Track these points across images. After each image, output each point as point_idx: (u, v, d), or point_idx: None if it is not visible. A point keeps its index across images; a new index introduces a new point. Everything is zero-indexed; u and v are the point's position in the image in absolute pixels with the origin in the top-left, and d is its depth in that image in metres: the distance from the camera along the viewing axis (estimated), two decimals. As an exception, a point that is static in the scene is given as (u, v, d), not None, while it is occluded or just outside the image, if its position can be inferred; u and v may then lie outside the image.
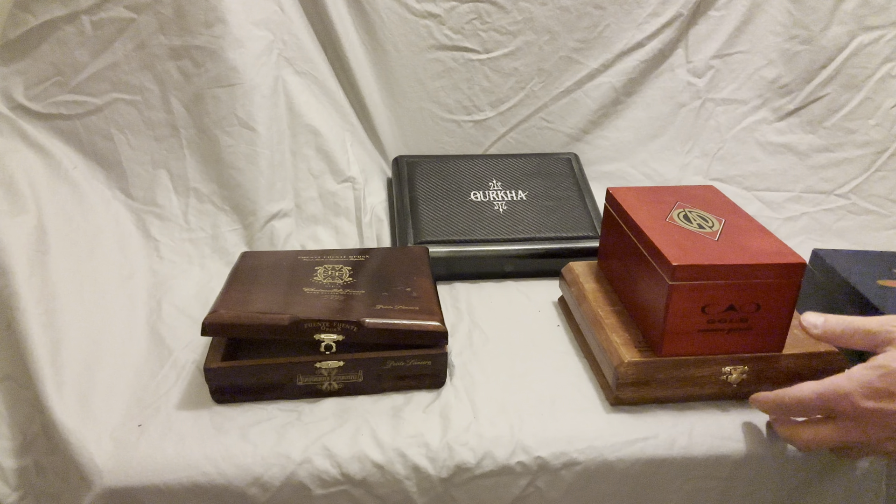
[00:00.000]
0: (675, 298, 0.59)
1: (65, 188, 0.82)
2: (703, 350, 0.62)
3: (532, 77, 1.04)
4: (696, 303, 0.59)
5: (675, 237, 0.63)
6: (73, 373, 0.64)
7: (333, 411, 0.64)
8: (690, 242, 0.62)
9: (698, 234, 0.63)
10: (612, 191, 0.73)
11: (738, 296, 0.59)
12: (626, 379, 0.62)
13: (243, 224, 0.91)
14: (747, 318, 0.61)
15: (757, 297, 0.60)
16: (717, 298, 0.59)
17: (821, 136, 1.07)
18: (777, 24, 1.04)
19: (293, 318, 0.64)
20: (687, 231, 0.64)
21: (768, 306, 0.60)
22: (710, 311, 0.60)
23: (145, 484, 0.57)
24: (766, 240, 0.63)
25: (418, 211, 0.93)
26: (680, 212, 0.68)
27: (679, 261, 0.58)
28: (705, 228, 0.65)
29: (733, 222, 0.66)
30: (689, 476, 0.62)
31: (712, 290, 0.59)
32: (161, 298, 0.80)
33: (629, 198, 0.71)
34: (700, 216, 0.67)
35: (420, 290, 0.72)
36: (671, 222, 0.66)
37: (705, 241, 0.62)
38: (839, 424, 0.53)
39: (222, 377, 0.64)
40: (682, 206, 0.69)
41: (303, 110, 0.95)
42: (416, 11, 0.98)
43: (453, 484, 0.60)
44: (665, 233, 0.63)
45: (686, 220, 0.66)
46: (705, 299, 0.59)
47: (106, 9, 0.83)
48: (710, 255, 0.60)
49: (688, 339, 0.61)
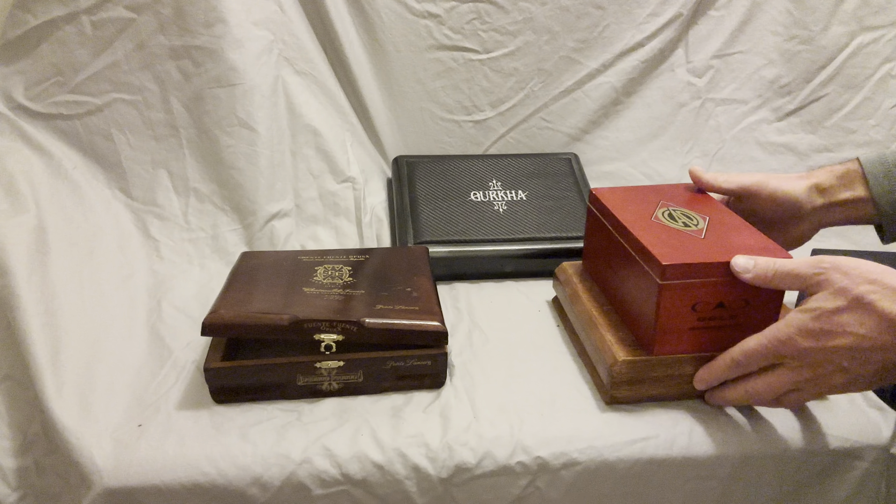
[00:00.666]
0: (666, 297, 0.59)
1: (65, 188, 0.82)
2: (694, 348, 0.62)
3: (532, 77, 1.04)
4: (686, 301, 0.59)
5: (663, 236, 0.62)
6: (73, 373, 0.64)
7: (333, 411, 0.64)
8: (678, 241, 0.62)
9: (685, 233, 0.63)
10: (595, 191, 0.73)
11: (727, 293, 0.59)
12: (620, 378, 0.62)
13: (243, 224, 0.91)
14: (736, 315, 0.61)
15: (746, 294, 0.59)
16: (706, 296, 0.59)
17: (821, 136, 1.07)
18: (777, 24, 1.04)
19: (293, 318, 0.64)
20: (673, 230, 0.64)
21: (757, 302, 0.60)
22: (700, 309, 0.60)
23: (145, 484, 0.57)
24: (751, 236, 0.63)
25: (418, 211, 0.93)
26: (664, 210, 0.68)
27: (669, 260, 0.58)
28: (690, 227, 0.65)
29: (718, 220, 0.66)
30: (689, 476, 0.62)
31: (702, 289, 0.59)
32: (161, 298, 0.80)
33: (613, 198, 0.71)
34: (685, 214, 0.67)
35: (420, 290, 0.72)
36: (657, 221, 0.66)
37: (692, 240, 0.62)
38: (787, 366, 0.56)
39: (222, 377, 0.64)
40: (666, 204, 0.69)
41: (303, 110, 0.95)
42: (416, 11, 0.98)
43: (453, 484, 0.60)
44: (652, 232, 0.63)
45: (671, 219, 0.66)
46: (695, 297, 0.59)
47: (106, 9, 0.83)
48: (698, 253, 0.60)
49: (679, 337, 0.61)
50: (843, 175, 0.67)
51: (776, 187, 0.68)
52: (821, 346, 0.53)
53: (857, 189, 0.66)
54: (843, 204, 0.67)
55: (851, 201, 0.67)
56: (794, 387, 0.57)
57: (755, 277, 0.57)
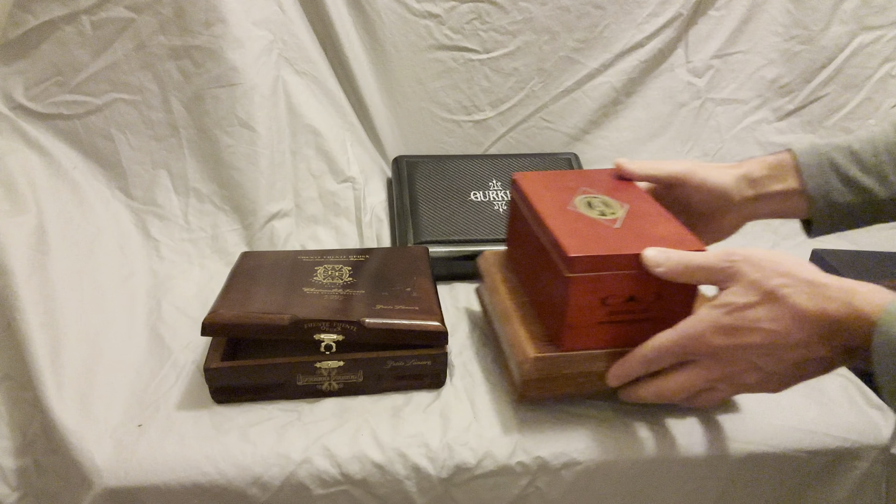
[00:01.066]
0: (574, 291, 0.56)
1: (65, 188, 0.82)
2: (606, 343, 0.59)
3: (532, 77, 1.04)
4: (595, 294, 0.56)
5: (575, 225, 0.59)
6: (73, 373, 0.64)
7: (333, 411, 0.64)
8: (591, 231, 0.58)
9: (599, 222, 0.60)
10: (516, 176, 0.69)
11: (637, 286, 0.56)
12: (529, 375, 0.59)
13: (243, 224, 0.91)
14: (649, 309, 0.57)
15: (657, 287, 0.56)
16: (616, 289, 0.56)
17: (821, 135, 1.07)
18: (777, 23, 1.04)
19: (293, 318, 0.64)
20: (588, 219, 0.60)
21: (669, 296, 0.57)
22: (611, 303, 0.57)
23: (145, 484, 0.57)
24: (668, 226, 0.59)
25: (418, 211, 0.93)
26: (583, 198, 0.64)
27: (576, 251, 0.55)
28: (607, 215, 0.61)
29: (638, 208, 0.63)
30: (689, 476, 0.62)
31: (612, 282, 0.56)
32: (161, 298, 0.80)
33: (533, 184, 0.67)
34: (603, 202, 0.63)
35: (420, 289, 0.72)
36: (573, 210, 0.62)
37: (606, 230, 0.59)
38: (700, 364, 0.54)
39: (222, 377, 0.64)
40: (587, 191, 0.65)
41: (303, 110, 0.95)
42: (416, 11, 0.98)
43: (453, 484, 0.60)
44: (565, 221, 0.60)
45: (588, 207, 0.62)
46: (605, 290, 0.56)
47: (106, 9, 0.83)
48: (609, 244, 0.56)
49: (589, 332, 0.58)
50: (776, 166, 0.63)
51: (705, 176, 0.64)
52: (733, 344, 0.51)
53: (790, 181, 0.63)
54: (774, 196, 0.63)
55: (783, 193, 0.63)
56: (707, 385, 0.55)
57: (667, 271, 0.54)
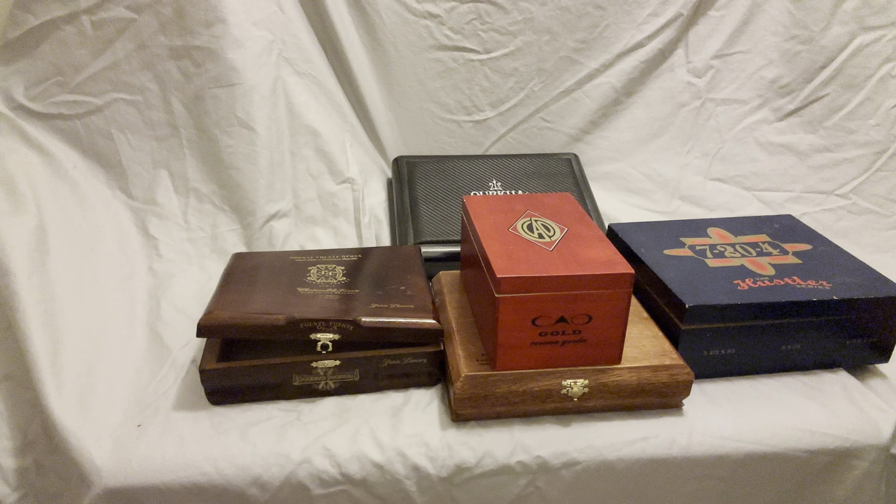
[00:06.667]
0: (503, 310, 0.58)
1: (65, 188, 0.82)
2: (538, 363, 0.60)
3: (532, 77, 1.04)
4: (525, 315, 0.58)
5: (510, 248, 0.61)
6: (73, 373, 0.64)
7: (333, 411, 0.64)
8: (523, 253, 0.60)
9: (534, 245, 0.62)
10: (465, 199, 0.72)
11: (567, 307, 0.58)
12: (462, 393, 0.60)
13: (242, 224, 0.91)
14: (580, 330, 0.59)
15: (587, 308, 0.58)
16: (546, 310, 0.58)
17: (821, 136, 1.07)
18: (777, 24, 1.04)
19: (289, 318, 0.64)
20: (524, 241, 0.63)
21: (600, 317, 0.59)
22: (541, 324, 0.59)
23: (145, 484, 0.57)
24: (601, 250, 0.61)
25: (418, 211, 0.93)
26: (525, 221, 0.66)
27: (504, 273, 0.57)
28: (545, 238, 0.63)
29: (576, 232, 0.65)
30: (689, 476, 0.62)
31: (541, 302, 0.58)
32: (160, 298, 0.80)
33: (480, 207, 0.70)
34: (544, 225, 0.65)
35: (414, 288, 0.72)
36: (513, 232, 0.64)
37: (539, 252, 0.61)
38: None
39: (218, 379, 0.64)
40: (531, 214, 0.68)
41: (302, 111, 0.95)
42: (416, 11, 0.98)
43: (453, 483, 0.60)
44: (502, 243, 0.62)
45: (528, 231, 0.64)
46: (535, 311, 0.58)
47: (106, 9, 0.83)
48: (537, 266, 0.58)
49: (521, 352, 0.60)
50: None
51: None
52: None
53: None
54: None
55: None
56: None
57: None
